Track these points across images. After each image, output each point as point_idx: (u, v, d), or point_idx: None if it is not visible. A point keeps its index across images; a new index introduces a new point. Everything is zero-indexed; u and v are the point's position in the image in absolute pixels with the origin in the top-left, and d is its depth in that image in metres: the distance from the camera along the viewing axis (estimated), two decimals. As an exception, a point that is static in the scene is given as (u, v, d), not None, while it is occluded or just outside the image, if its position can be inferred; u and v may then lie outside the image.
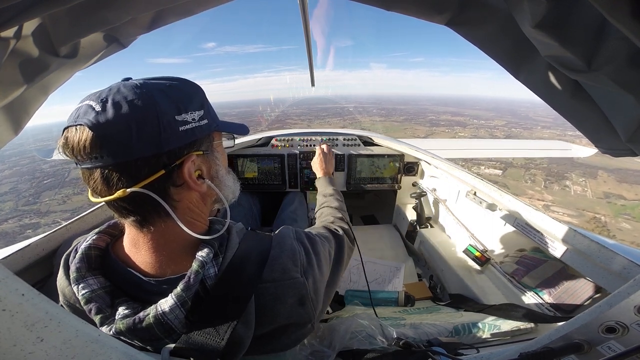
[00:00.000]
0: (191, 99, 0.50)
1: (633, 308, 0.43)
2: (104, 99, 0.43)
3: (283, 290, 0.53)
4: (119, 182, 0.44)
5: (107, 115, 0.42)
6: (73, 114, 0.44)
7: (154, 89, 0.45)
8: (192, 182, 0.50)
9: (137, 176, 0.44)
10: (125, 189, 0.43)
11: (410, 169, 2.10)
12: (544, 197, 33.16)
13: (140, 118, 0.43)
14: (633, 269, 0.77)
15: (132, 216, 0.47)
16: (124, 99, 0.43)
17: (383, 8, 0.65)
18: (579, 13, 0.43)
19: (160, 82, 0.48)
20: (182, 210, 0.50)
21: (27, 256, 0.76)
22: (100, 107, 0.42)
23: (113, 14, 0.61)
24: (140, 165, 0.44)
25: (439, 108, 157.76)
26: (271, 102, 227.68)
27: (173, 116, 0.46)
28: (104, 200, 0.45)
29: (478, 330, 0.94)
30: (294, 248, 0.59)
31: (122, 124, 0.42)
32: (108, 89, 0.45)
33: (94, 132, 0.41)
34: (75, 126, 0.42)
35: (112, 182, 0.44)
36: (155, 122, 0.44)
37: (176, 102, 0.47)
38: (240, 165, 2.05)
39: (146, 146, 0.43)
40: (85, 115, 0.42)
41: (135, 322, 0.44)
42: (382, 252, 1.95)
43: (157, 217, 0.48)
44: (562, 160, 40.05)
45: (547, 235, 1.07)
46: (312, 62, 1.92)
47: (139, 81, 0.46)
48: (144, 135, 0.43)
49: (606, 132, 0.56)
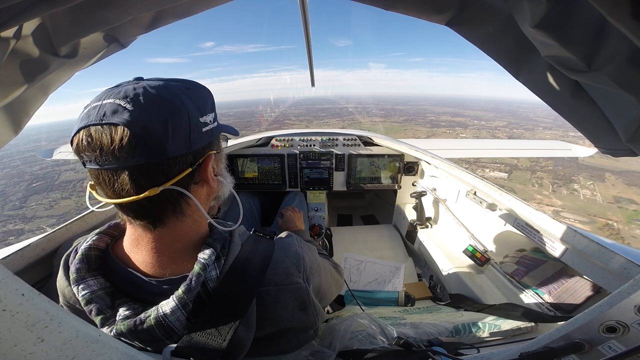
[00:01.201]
0: (206, 102, 0.51)
1: (633, 308, 0.43)
2: (132, 97, 0.42)
3: (285, 295, 0.53)
4: (150, 181, 0.44)
5: (144, 114, 0.41)
6: (93, 114, 0.42)
7: (178, 90, 0.46)
8: (211, 179, 0.52)
9: (167, 175, 0.45)
10: (157, 187, 0.44)
11: (410, 168, 2.10)
12: (552, 202, 32.72)
13: (177, 118, 0.44)
14: (633, 269, 0.77)
15: (148, 216, 0.47)
16: (159, 98, 0.43)
17: (383, 8, 0.65)
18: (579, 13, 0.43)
19: (178, 84, 0.48)
20: (194, 207, 0.51)
21: (27, 256, 0.76)
22: (132, 106, 0.41)
23: (113, 14, 0.61)
24: (171, 164, 0.45)
25: (438, 108, 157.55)
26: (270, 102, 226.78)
27: (197, 118, 0.47)
28: (128, 200, 0.43)
29: (478, 330, 0.94)
30: (298, 254, 0.60)
31: (160, 123, 0.42)
32: (131, 88, 0.43)
33: (131, 131, 0.40)
34: (101, 125, 0.41)
35: (142, 181, 0.43)
36: (187, 123, 0.45)
37: (197, 105, 0.48)
38: (241, 165, 2.05)
39: (179, 146, 0.45)
40: (117, 115, 0.41)
41: (136, 323, 0.44)
42: (382, 252, 1.95)
43: (172, 216, 0.48)
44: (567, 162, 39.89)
45: (547, 235, 1.07)
46: (312, 62, 1.92)
47: (160, 82, 0.46)
48: (178, 135, 0.44)
49: (606, 132, 0.56)
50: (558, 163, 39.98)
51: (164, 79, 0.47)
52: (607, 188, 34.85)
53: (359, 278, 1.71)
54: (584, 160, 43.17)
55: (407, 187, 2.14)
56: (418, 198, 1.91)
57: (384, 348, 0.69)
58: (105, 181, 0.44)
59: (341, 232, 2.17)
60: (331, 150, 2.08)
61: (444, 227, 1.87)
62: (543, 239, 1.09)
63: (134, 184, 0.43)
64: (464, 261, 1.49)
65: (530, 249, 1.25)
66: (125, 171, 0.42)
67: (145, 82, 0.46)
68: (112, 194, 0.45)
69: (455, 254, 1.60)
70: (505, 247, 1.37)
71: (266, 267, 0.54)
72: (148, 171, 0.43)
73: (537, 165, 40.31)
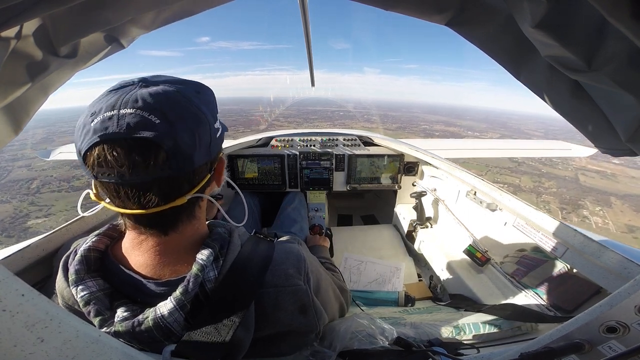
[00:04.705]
0: (215, 106, 0.51)
1: (634, 308, 0.43)
2: (155, 108, 0.40)
3: (284, 297, 0.53)
4: (177, 192, 0.45)
5: (172, 128, 0.41)
6: (112, 125, 0.39)
7: (194, 97, 0.45)
8: (222, 180, 0.54)
9: (192, 183, 0.46)
10: (183, 197, 0.45)
11: (410, 169, 2.10)
12: (566, 232, 32.65)
13: (202, 130, 0.45)
14: (633, 269, 0.77)
15: (163, 225, 0.47)
16: (182, 109, 0.43)
17: (383, 8, 0.65)
18: (579, 13, 0.43)
19: (189, 89, 0.46)
20: (202, 209, 0.52)
21: (27, 257, 0.76)
22: (158, 119, 0.40)
23: (113, 14, 0.61)
24: (196, 173, 0.46)
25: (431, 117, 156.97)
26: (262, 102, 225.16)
27: (213, 124, 0.48)
28: (153, 211, 0.43)
29: (478, 330, 0.94)
30: (299, 256, 0.59)
31: (189, 136, 0.42)
32: (147, 94, 0.41)
33: (165, 145, 0.40)
34: (129, 139, 0.39)
35: (170, 192, 0.44)
36: (208, 132, 0.46)
37: (211, 111, 0.48)
38: (241, 165, 2.05)
39: (204, 155, 0.46)
40: (146, 128, 0.39)
41: (134, 325, 0.44)
42: (382, 252, 1.95)
43: (186, 220, 0.49)
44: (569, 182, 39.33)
45: (547, 235, 1.07)
46: (312, 62, 1.92)
47: (171, 86, 0.44)
48: (203, 146, 0.45)
49: (606, 132, 0.56)
50: (561, 185, 39.88)
51: (170, 81, 0.46)
52: (617, 215, 34.27)
53: (359, 278, 1.71)
54: (586, 182, 42.90)
55: (407, 187, 2.14)
56: (418, 198, 1.91)
57: (384, 348, 0.69)
58: (127, 195, 0.42)
59: (341, 232, 2.17)
60: (331, 151, 2.08)
61: (444, 227, 1.87)
62: (543, 239, 1.09)
63: (161, 195, 0.43)
64: (464, 261, 1.49)
65: (530, 249, 1.25)
66: (154, 184, 0.42)
67: (158, 87, 0.43)
68: (134, 206, 0.43)
69: (455, 254, 1.59)
70: (505, 247, 1.37)
71: (266, 268, 0.54)
72: (176, 182, 0.44)
73: (541, 187, 39.99)
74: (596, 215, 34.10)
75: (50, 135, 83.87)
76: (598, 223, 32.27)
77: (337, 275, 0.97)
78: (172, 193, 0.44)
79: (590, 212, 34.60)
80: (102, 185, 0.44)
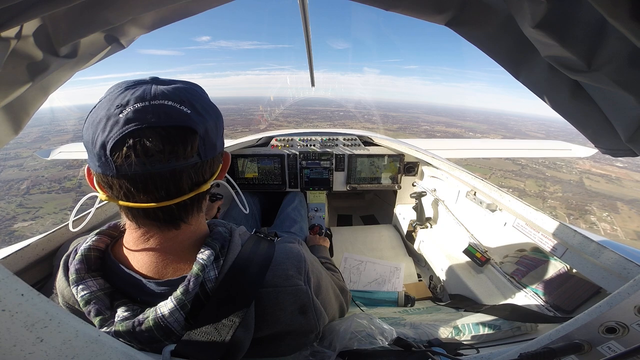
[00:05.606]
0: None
1: (633, 308, 0.43)
2: (184, 100, 0.43)
3: (284, 297, 0.53)
4: (202, 178, 0.48)
5: (201, 117, 0.44)
6: (145, 115, 0.40)
7: (202, 92, 0.49)
8: (226, 171, 0.56)
9: (212, 170, 0.50)
10: (207, 183, 0.48)
11: (410, 169, 2.10)
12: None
13: (220, 120, 0.50)
14: (633, 269, 0.77)
15: (178, 217, 0.47)
16: (203, 101, 0.47)
17: (383, 8, 0.65)
18: (579, 13, 0.43)
19: (195, 86, 0.50)
20: (205, 202, 0.54)
21: (26, 256, 0.76)
22: (188, 109, 0.43)
23: (113, 14, 0.61)
24: (215, 160, 0.50)
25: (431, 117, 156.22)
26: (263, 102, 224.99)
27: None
28: (182, 199, 0.45)
29: (478, 331, 0.94)
30: (300, 256, 0.59)
31: (214, 125, 0.47)
32: (171, 89, 0.43)
33: (199, 132, 0.43)
34: (166, 127, 0.41)
35: (196, 179, 0.46)
36: (222, 123, 0.51)
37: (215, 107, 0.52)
38: (241, 165, 2.06)
39: (221, 144, 0.51)
40: (183, 117, 0.42)
41: (134, 324, 0.44)
42: (382, 252, 1.95)
43: (196, 213, 0.51)
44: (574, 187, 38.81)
45: (547, 236, 1.07)
46: (312, 62, 1.92)
47: (186, 85, 0.47)
48: (221, 135, 0.51)
49: (606, 132, 0.56)
50: (566, 189, 39.37)
51: (176, 81, 0.48)
52: (625, 221, 33.82)
53: (359, 278, 1.71)
54: (591, 186, 42.57)
55: (407, 188, 2.14)
56: (418, 198, 1.91)
57: (384, 348, 0.69)
58: (156, 184, 0.42)
59: (341, 232, 2.17)
60: (331, 151, 2.08)
61: (443, 228, 1.87)
62: (543, 239, 1.09)
63: (190, 183, 0.45)
64: (464, 261, 1.49)
65: (529, 249, 1.25)
66: (184, 171, 0.44)
67: (171, 85, 0.45)
68: (160, 197, 0.43)
69: (455, 254, 1.60)
70: (504, 247, 1.37)
71: (266, 268, 0.54)
72: (201, 169, 0.47)
73: (547, 191, 39.54)
74: (604, 222, 33.66)
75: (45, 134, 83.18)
76: (607, 229, 31.87)
77: (337, 275, 0.97)
78: (198, 180, 0.47)
79: (598, 218, 34.17)
80: (115, 180, 0.42)
